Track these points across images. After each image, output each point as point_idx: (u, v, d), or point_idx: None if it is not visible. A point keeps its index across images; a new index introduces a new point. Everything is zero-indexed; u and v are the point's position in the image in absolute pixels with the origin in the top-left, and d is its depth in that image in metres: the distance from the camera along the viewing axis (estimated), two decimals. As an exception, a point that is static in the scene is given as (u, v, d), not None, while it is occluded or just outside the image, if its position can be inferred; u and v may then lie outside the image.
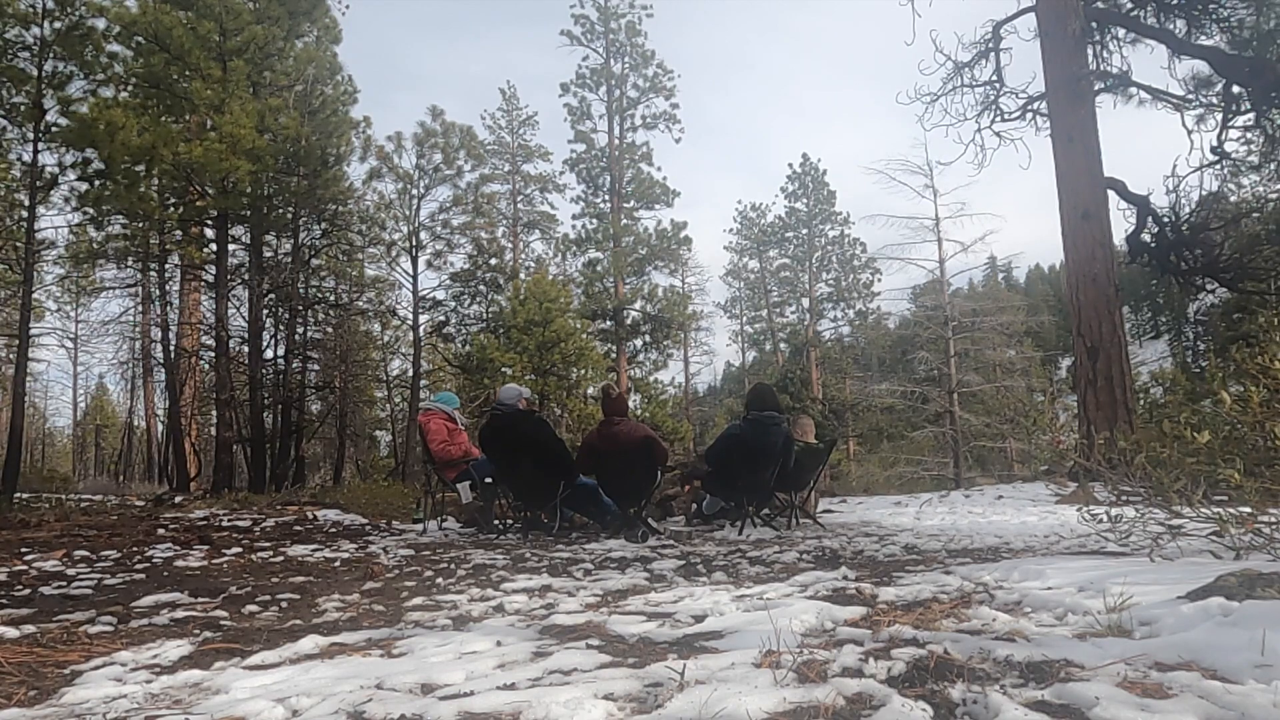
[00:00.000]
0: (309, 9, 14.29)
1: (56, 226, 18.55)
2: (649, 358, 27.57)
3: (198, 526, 5.89)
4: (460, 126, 19.90)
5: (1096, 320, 10.76)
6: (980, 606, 2.16)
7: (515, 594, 2.92)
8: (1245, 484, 3.00)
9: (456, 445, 6.42)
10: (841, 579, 2.94)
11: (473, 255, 21.91)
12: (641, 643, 1.93)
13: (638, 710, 1.33)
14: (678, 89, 28.29)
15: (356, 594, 3.05)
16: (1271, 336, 3.64)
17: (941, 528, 6.25)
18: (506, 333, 19.24)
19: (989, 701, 1.24)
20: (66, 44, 11.67)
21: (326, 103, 15.64)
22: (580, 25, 28.01)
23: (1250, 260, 11.80)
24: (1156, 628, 1.74)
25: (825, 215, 36.97)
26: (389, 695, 1.48)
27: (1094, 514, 3.56)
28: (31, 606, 2.79)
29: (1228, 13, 12.29)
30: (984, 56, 13.95)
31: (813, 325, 35.81)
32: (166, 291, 17.69)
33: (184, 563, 4.17)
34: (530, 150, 29.90)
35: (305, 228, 16.24)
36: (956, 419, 21.78)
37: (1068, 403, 17.52)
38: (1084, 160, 11.25)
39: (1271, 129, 11.99)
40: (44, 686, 1.73)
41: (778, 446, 6.00)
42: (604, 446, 5.88)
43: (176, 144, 11.64)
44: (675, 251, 27.65)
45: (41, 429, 37.95)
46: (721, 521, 6.48)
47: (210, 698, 1.56)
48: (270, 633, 2.27)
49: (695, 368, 38.91)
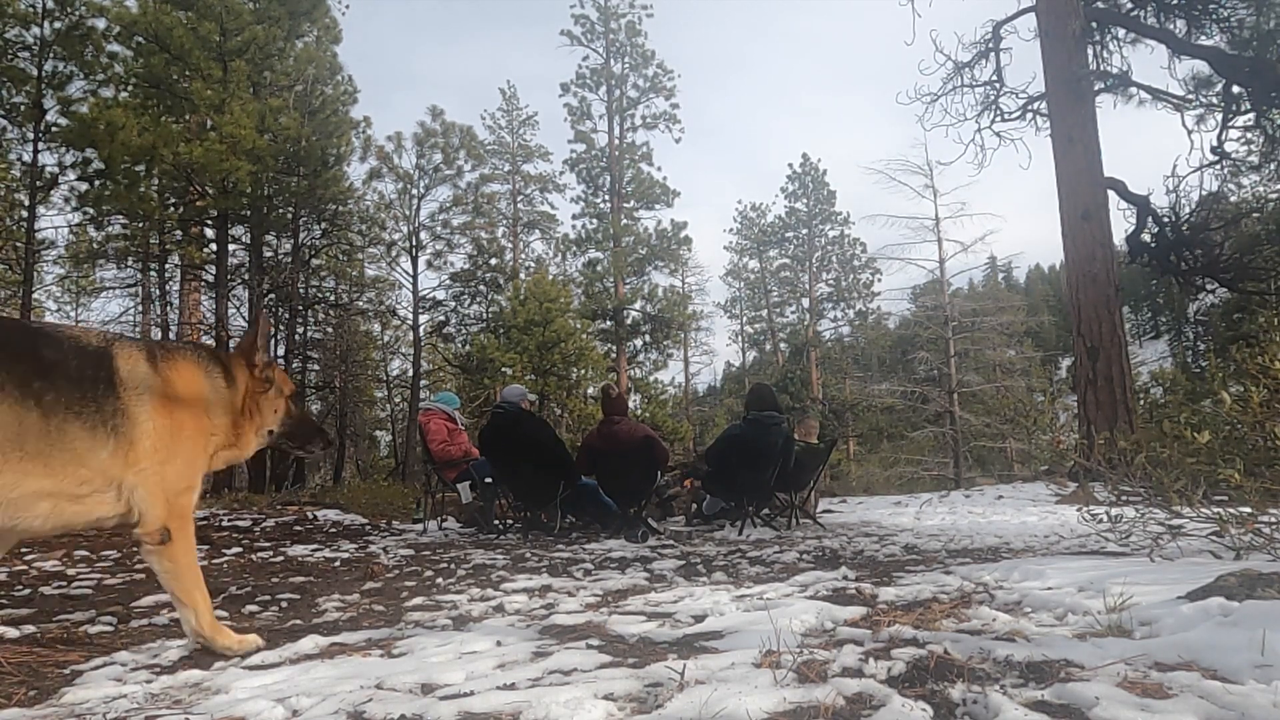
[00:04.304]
0: (309, 9, 14.30)
1: (56, 226, 18.54)
2: (649, 358, 27.56)
3: (197, 526, 5.88)
4: (460, 126, 19.94)
5: (1096, 320, 10.76)
6: (980, 606, 2.15)
7: (515, 594, 2.92)
8: (1245, 484, 3.00)
9: (456, 445, 6.42)
10: (841, 579, 2.93)
11: (473, 255, 21.93)
12: (641, 643, 1.93)
13: (638, 710, 1.33)
14: (678, 89, 28.30)
15: (356, 594, 3.05)
16: (1271, 336, 3.64)
17: (941, 528, 6.24)
18: (506, 333, 19.25)
19: (989, 701, 1.24)
20: (66, 44, 11.67)
21: (326, 103, 15.64)
22: (580, 25, 28.01)
23: (1250, 260, 11.80)
24: (1156, 628, 1.74)
25: (825, 215, 36.95)
26: (389, 695, 1.48)
27: (1094, 514, 3.56)
28: (31, 606, 2.79)
29: (1228, 13, 12.29)
30: (984, 56, 13.95)
31: (813, 325, 35.79)
32: (166, 291, 17.70)
33: (184, 563, 4.17)
34: (530, 150, 29.89)
35: (305, 228, 16.25)
36: (956, 419, 21.78)
37: (1068, 403, 17.51)
38: (1084, 160, 11.25)
39: (1271, 129, 11.99)
40: (44, 686, 1.73)
41: (778, 446, 6.00)
42: (604, 446, 5.88)
43: (177, 144, 11.64)
44: (675, 251, 27.65)
45: (41, 429, 37.89)
46: (721, 521, 6.48)
47: (210, 698, 1.56)
48: (270, 633, 2.27)
49: (695, 368, 38.86)
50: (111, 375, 1.79)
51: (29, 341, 1.75)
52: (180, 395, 1.93)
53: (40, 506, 1.71)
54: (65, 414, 1.70)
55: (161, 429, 1.86)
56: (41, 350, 1.73)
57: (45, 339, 1.77)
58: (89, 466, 1.74)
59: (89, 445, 1.73)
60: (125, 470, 1.80)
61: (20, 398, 1.64)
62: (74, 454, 1.72)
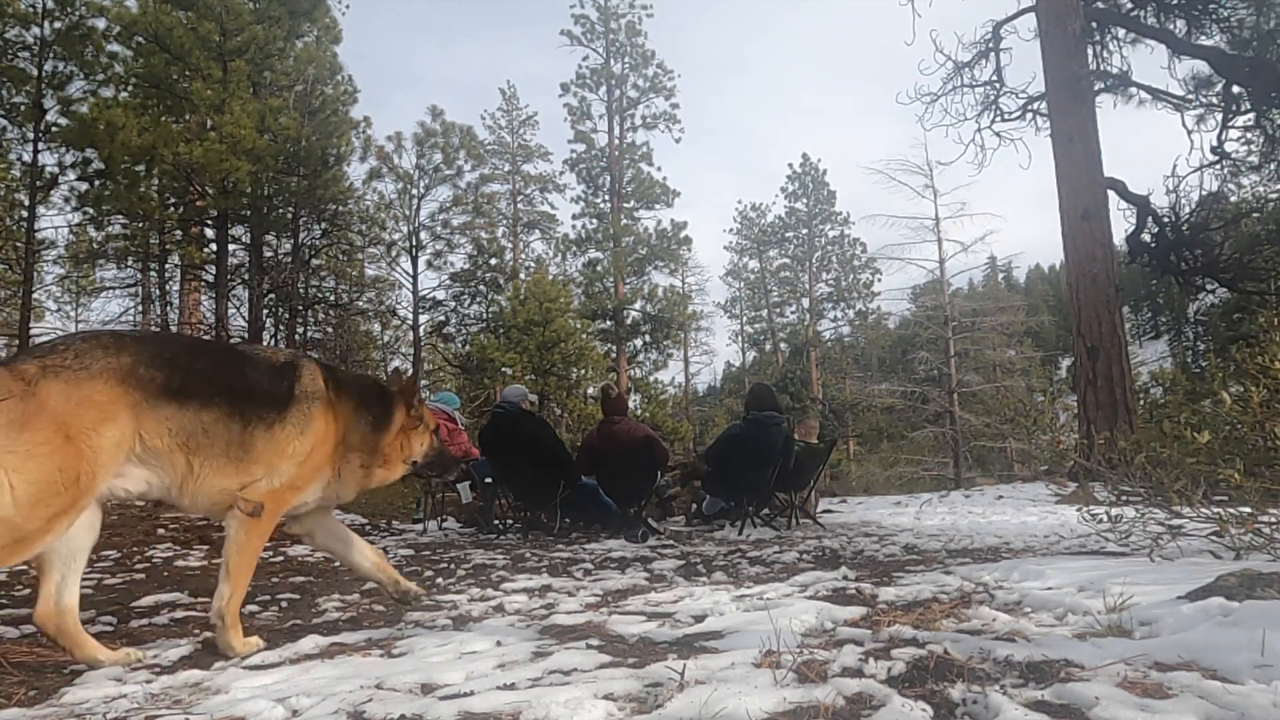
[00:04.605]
0: (309, 9, 14.29)
1: (56, 226, 18.52)
2: (649, 358, 27.55)
3: (197, 526, 5.88)
4: (460, 126, 19.92)
5: (1096, 320, 10.76)
6: (980, 606, 2.15)
7: (515, 594, 2.93)
8: (1245, 484, 3.00)
9: (456, 446, 6.43)
10: (841, 579, 2.93)
11: (473, 255, 21.92)
12: (641, 643, 1.93)
13: (638, 710, 1.33)
14: (678, 89, 28.29)
15: (356, 594, 3.05)
16: (1271, 336, 3.64)
17: (941, 528, 6.25)
18: (506, 333, 19.24)
19: (989, 701, 1.24)
20: (66, 44, 11.66)
21: (326, 103, 15.62)
22: (580, 25, 28.01)
23: (1250, 260, 11.80)
24: (1156, 628, 1.74)
25: (825, 215, 36.94)
26: (389, 695, 1.48)
27: (1094, 514, 3.56)
28: (31, 606, 2.79)
29: (1228, 13, 12.29)
30: (984, 56, 13.95)
31: (813, 325, 35.79)
32: (166, 291, 17.68)
33: (184, 563, 4.17)
34: (530, 150, 29.88)
35: (305, 228, 16.23)
36: (956, 419, 21.78)
37: (1068, 403, 17.50)
38: (1084, 160, 11.25)
39: (1271, 129, 11.99)
40: (44, 686, 1.73)
41: (778, 446, 6.00)
42: (604, 446, 5.88)
43: (176, 144, 11.63)
44: (675, 251, 27.64)
45: (41, 429, 37.87)
46: (721, 521, 6.48)
47: (210, 698, 1.56)
48: (270, 633, 2.27)
49: (695, 368, 38.81)
50: (291, 388, 2.16)
51: (236, 365, 2.15)
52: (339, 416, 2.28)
53: (219, 496, 2.06)
54: (256, 423, 2.07)
55: (319, 435, 2.20)
56: (246, 373, 2.13)
57: (248, 361, 2.19)
58: (260, 463, 2.09)
59: (264, 445, 2.08)
60: (278, 460, 2.12)
61: (231, 415, 2.02)
62: (253, 454, 2.07)
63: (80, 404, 1.75)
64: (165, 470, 1.96)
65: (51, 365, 1.75)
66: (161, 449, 1.92)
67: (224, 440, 2.00)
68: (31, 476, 1.65)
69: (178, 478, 1.98)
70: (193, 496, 2.02)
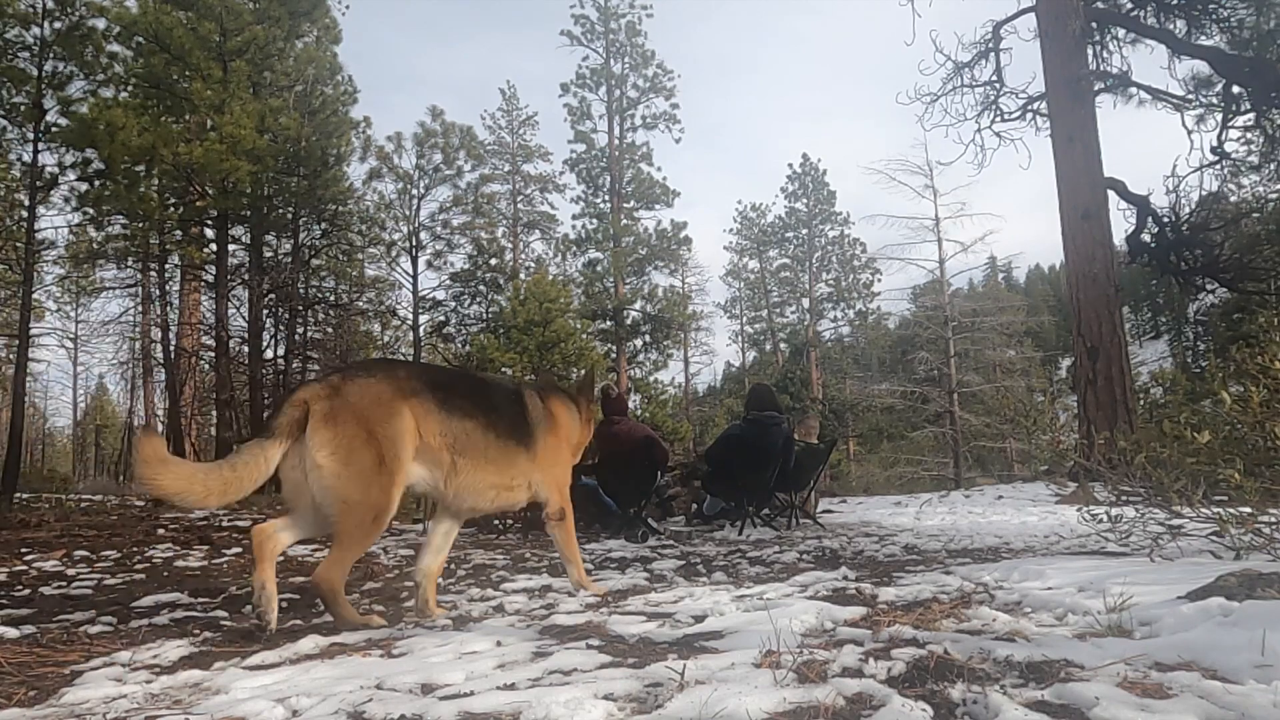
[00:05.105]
0: (309, 9, 14.27)
1: (56, 226, 18.55)
2: (649, 358, 27.56)
3: (198, 527, 5.89)
4: (460, 126, 19.91)
5: (1096, 320, 10.76)
6: (980, 606, 2.15)
7: (515, 594, 2.93)
8: (1245, 484, 3.00)
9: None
10: (841, 579, 2.93)
11: (473, 255, 21.91)
12: (641, 643, 1.93)
13: (638, 710, 1.33)
14: (678, 89, 28.33)
15: (356, 594, 3.05)
16: (1271, 336, 3.64)
17: (941, 528, 6.25)
18: (506, 333, 19.25)
19: (989, 702, 1.24)
20: (66, 44, 11.65)
21: (326, 103, 15.62)
22: (580, 25, 28.03)
23: (1250, 260, 11.80)
24: (1156, 628, 1.74)
25: (825, 215, 36.97)
26: (389, 695, 1.48)
27: (1094, 514, 3.56)
28: (31, 606, 2.79)
29: (1228, 13, 12.29)
30: (984, 57, 13.95)
31: (813, 325, 35.81)
32: (166, 291, 17.68)
33: (184, 563, 4.17)
34: (530, 150, 29.89)
35: (305, 228, 16.23)
36: (956, 419, 21.79)
37: (1068, 403, 17.52)
38: (1084, 160, 11.25)
39: (1271, 129, 11.99)
40: (44, 686, 1.73)
41: (778, 446, 6.00)
42: (604, 446, 5.89)
43: (176, 144, 11.62)
44: (675, 251, 27.66)
45: (41, 429, 37.91)
46: (721, 521, 6.48)
47: (210, 698, 1.56)
48: (270, 633, 2.27)
49: (695, 368, 38.83)
50: (523, 408, 2.73)
51: (484, 388, 2.74)
52: (559, 422, 2.85)
53: (490, 493, 2.61)
54: (506, 435, 2.62)
55: (551, 445, 2.77)
56: (491, 394, 2.70)
57: (490, 386, 2.81)
58: (517, 468, 2.65)
59: (516, 454, 2.64)
60: (534, 470, 2.70)
61: (486, 426, 2.56)
62: (510, 460, 2.62)
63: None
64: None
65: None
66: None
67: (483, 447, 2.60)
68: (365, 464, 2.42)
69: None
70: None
